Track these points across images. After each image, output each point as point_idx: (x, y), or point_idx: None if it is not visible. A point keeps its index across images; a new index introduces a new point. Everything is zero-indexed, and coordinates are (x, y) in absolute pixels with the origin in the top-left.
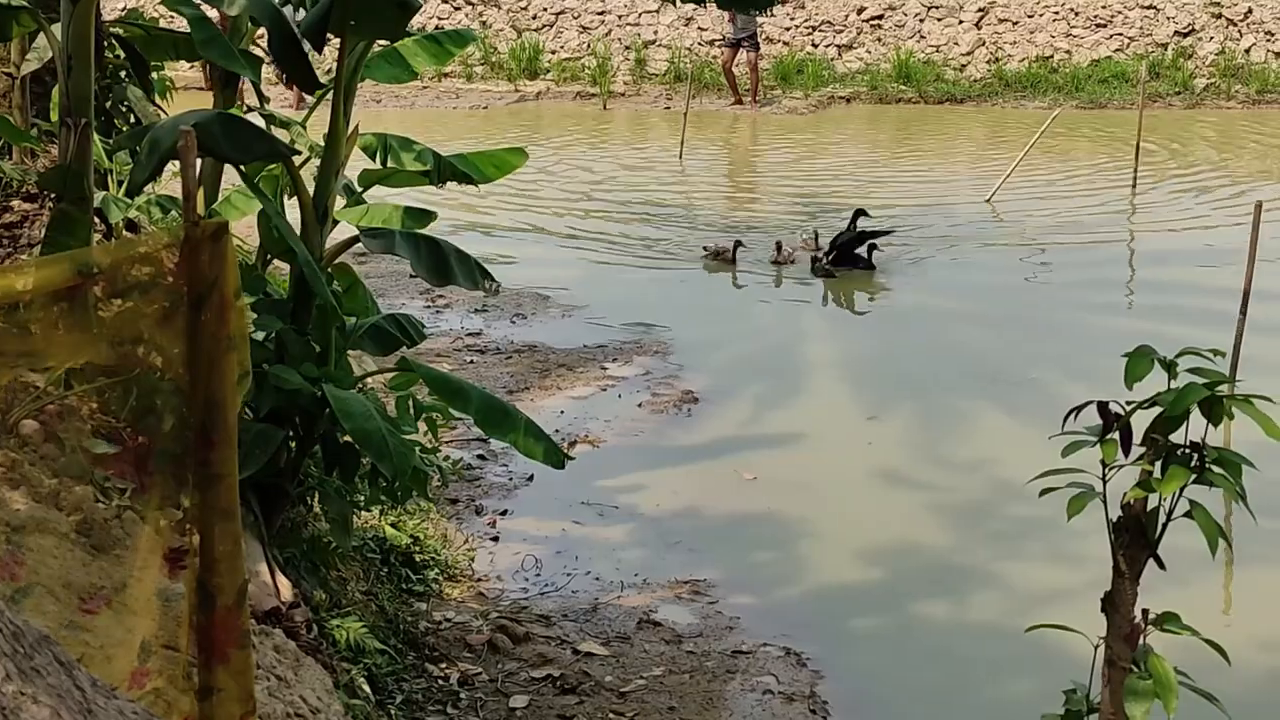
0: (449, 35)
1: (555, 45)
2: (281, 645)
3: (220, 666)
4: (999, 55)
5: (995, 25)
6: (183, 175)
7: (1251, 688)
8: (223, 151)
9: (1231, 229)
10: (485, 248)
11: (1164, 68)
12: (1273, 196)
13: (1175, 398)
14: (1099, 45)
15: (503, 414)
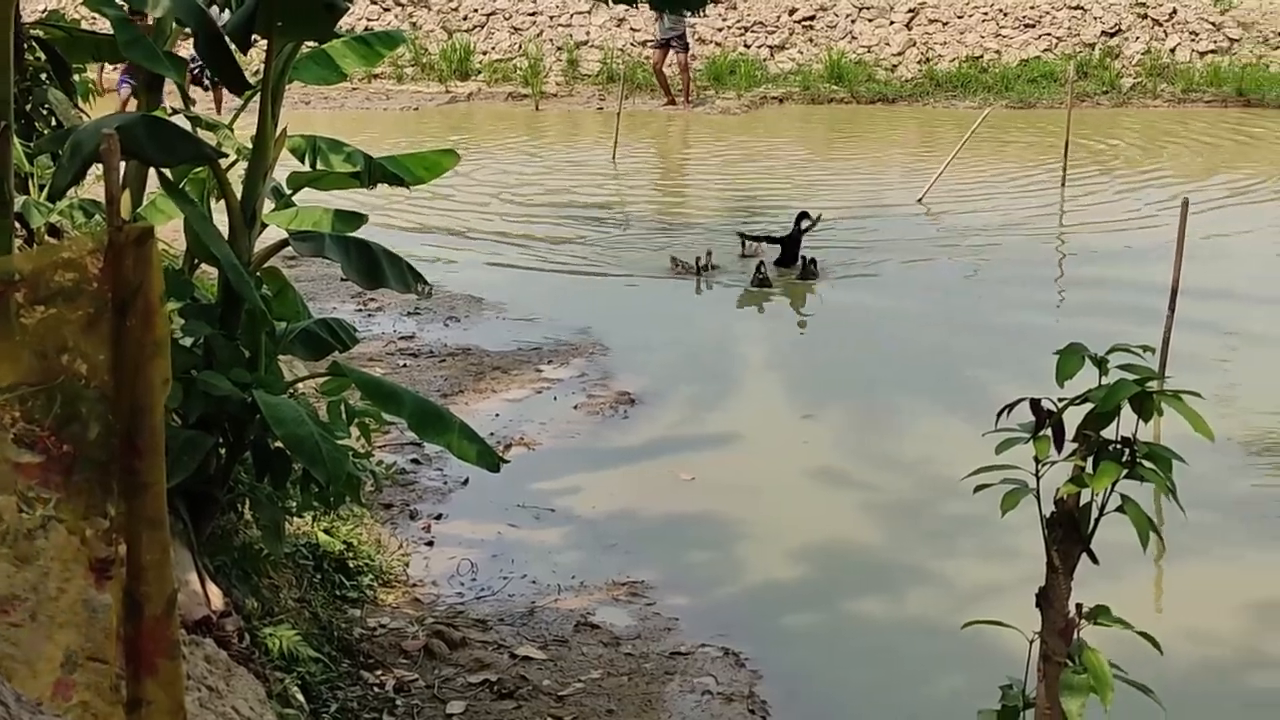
0: (378, 36)
1: (486, 46)
2: (212, 655)
3: (149, 678)
4: (930, 55)
5: (926, 26)
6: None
7: (1183, 678)
8: (147, 154)
9: (1159, 226)
10: (417, 250)
11: (1091, 67)
12: (1199, 194)
13: (1106, 394)
14: (1028, 45)
15: (437, 417)
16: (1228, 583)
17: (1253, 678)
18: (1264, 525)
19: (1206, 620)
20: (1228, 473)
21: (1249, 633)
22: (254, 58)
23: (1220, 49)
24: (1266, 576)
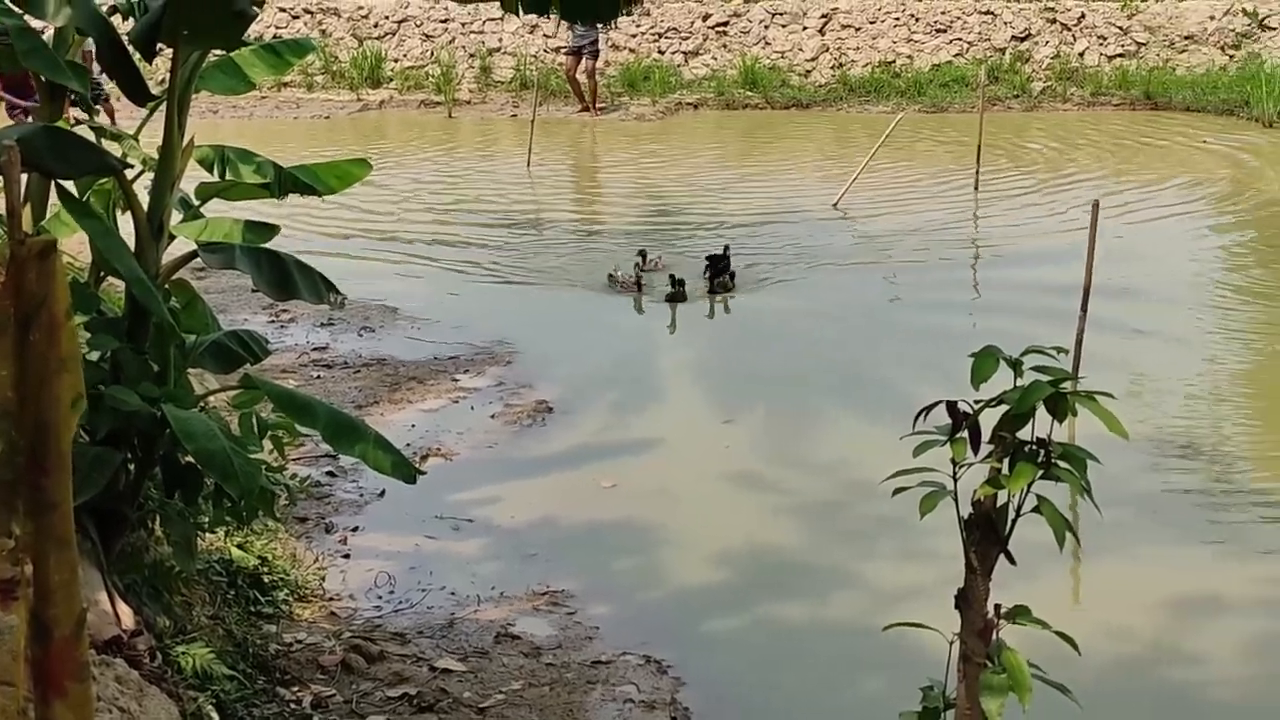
0: (287, 45)
1: (398, 54)
2: (124, 675)
3: (58, 701)
4: (843, 61)
5: (838, 31)
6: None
7: (1101, 676)
8: (49, 166)
9: (1071, 227)
10: (330, 260)
11: (1002, 72)
12: (1110, 195)
13: (1021, 395)
14: (939, 50)
15: (351, 429)
16: (1143, 580)
17: (1168, 674)
18: (1177, 522)
19: (1123, 618)
20: (1141, 471)
21: (1164, 629)
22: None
23: (1128, 52)
24: (1180, 573)
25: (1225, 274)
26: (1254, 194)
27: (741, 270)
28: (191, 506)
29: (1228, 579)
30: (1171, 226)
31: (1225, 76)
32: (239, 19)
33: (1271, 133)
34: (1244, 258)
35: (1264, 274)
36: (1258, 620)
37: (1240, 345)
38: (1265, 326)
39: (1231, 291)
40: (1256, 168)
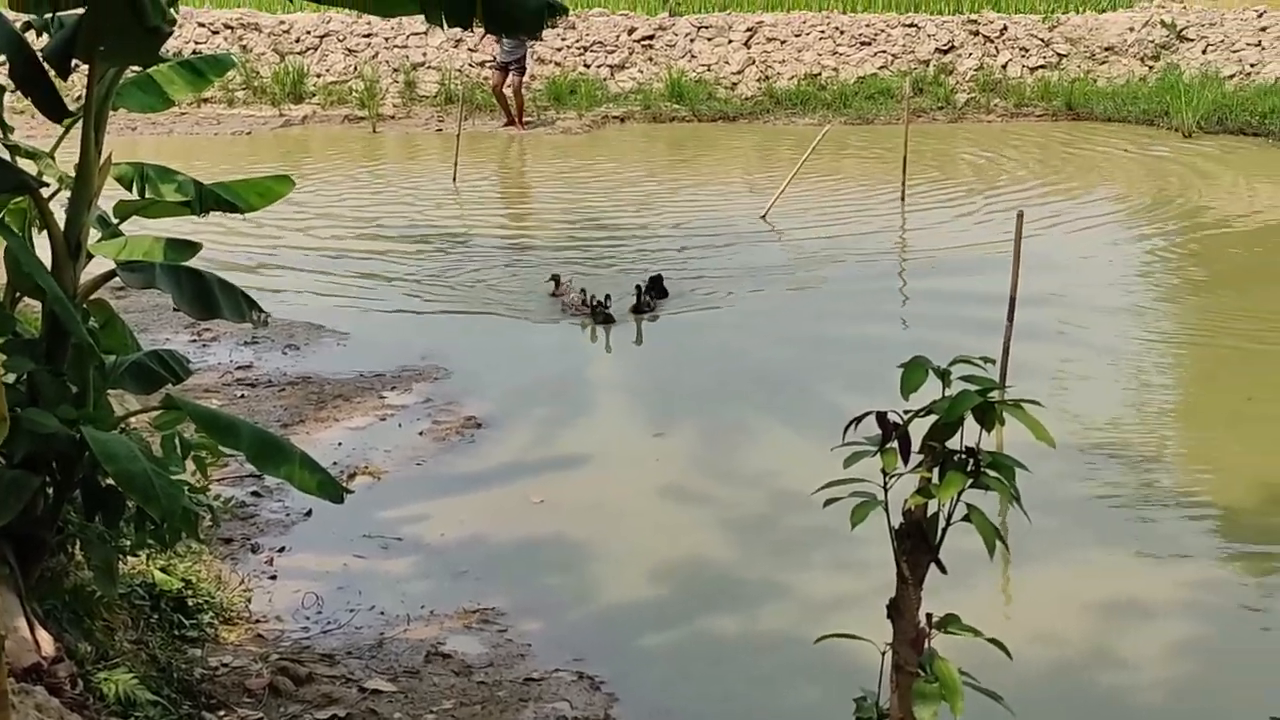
0: (206, 61)
1: (321, 68)
2: (44, 703)
3: None
4: (769, 73)
5: (764, 44)
6: None
7: (1033, 682)
8: None
9: (996, 237)
10: (253, 278)
11: (927, 84)
12: (1034, 205)
13: (950, 405)
14: (864, 63)
15: (276, 449)
16: (1072, 585)
17: (1100, 677)
18: (1105, 527)
19: (1054, 623)
20: (1068, 478)
21: (1094, 634)
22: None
23: (1049, 64)
24: (1109, 578)
25: (1148, 282)
26: (1174, 203)
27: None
28: (113, 530)
29: (1154, 583)
30: (1095, 235)
31: (1145, 87)
32: (154, 35)
33: (1190, 143)
34: (1165, 266)
35: (1185, 282)
36: (1184, 623)
37: (1163, 352)
38: (1187, 333)
39: (1154, 299)
40: (1176, 177)
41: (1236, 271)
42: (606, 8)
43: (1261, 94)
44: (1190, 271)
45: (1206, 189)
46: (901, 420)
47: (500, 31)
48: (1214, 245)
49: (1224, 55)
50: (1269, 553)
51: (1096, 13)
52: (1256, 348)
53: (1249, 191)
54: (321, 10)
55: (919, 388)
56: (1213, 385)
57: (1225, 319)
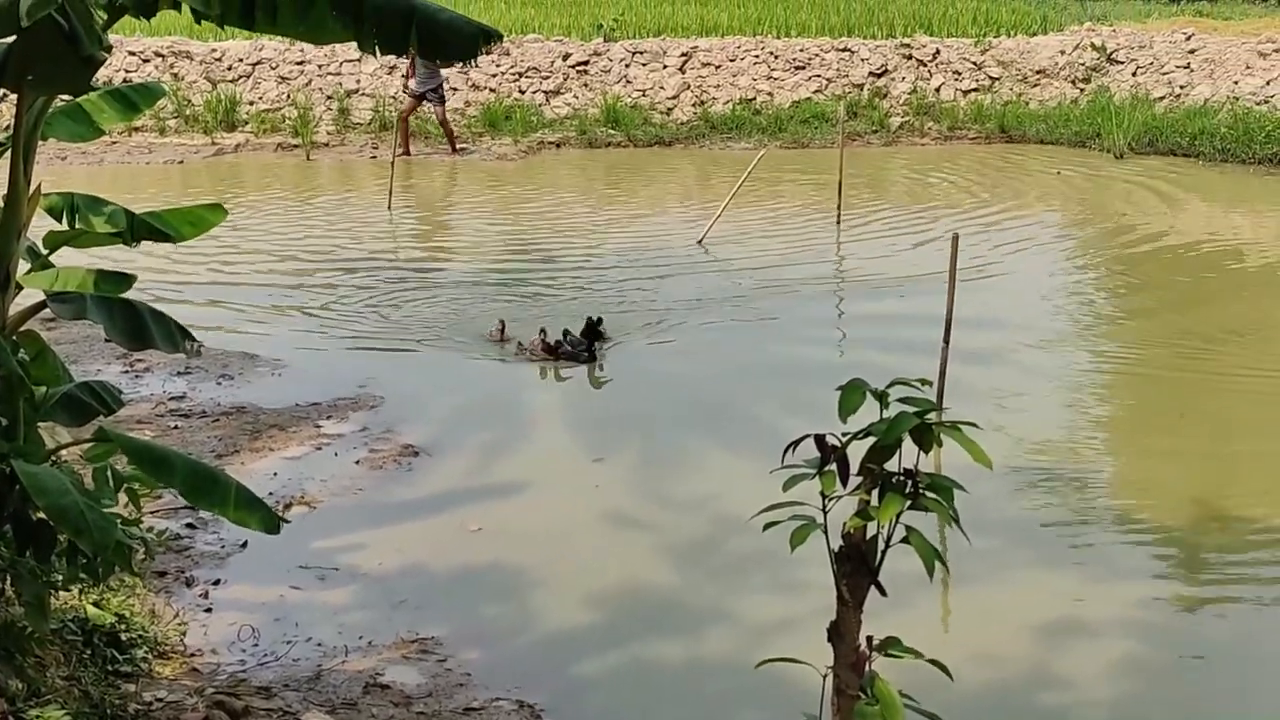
0: (137, 89)
1: (253, 96)
2: None
3: None
4: (704, 98)
5: (699, 70)
6: None
7: (973, 702)
8: None
9: (931, 260)
10: (186, 308)
11: (861, 107)
12: (968, 227)
13: (888, 427)
14: (799, 87)
15: (210, 481)
16: (1012, 605)
17: (1039, 697)
18: (1043, 547)
19: (994, 644)
20: (1006, 498)
21: (1034, 653)
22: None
23: (982, 87)
24: (1047, 597)
25: (1082, 303)
26: (1108, 224)
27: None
28: (44, 564)
29: (1092, 602)
30: (1029, 257)
31: (1076, 110)
32: (86, 64)
33: (1122, 164)
34: (1100, 287)
35: (1118, 302)
36: (1122, 641)
37: (1098, 372)
38: (1121, 353)
39: (1089, 320)
40: (1108, 198)
41: (1169, 292)
42: (541, 33)
43: (1191, 115)
44: (1124, 292)
45: (1139, 210)
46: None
47: (438, 58)
48: (1147, 266)
49: (1154, 78)
50: (1205, 569)
51: (1028, 36)
52: (1190, 366)
53: (1180, 213)
54: (254, 38)
55: (857, 410)
56: (1147, 405)
57: (1159, 339)
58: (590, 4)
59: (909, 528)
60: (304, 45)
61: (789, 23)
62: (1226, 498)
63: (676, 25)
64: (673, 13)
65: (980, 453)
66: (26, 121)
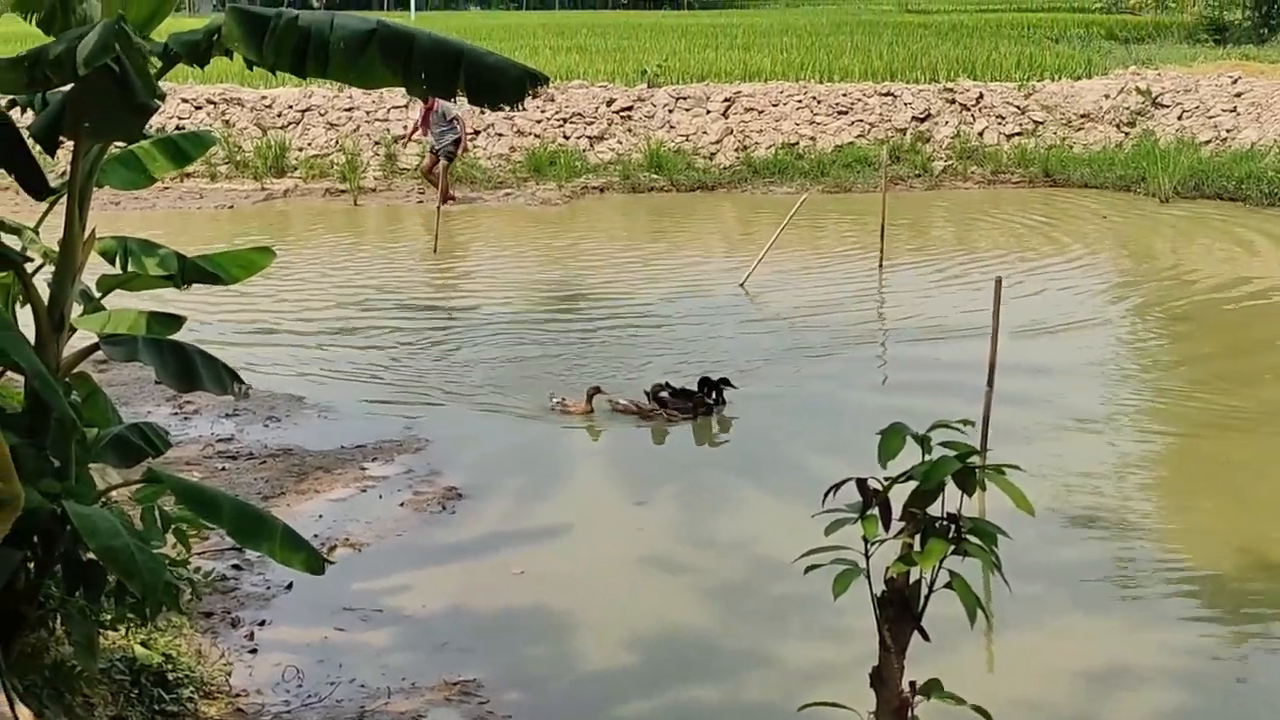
0: (188, 137)
1: (302, 142)
2: None
3: None
4: (746, 143)
5: (742, 114)
6: None
7: None
8: None
9: (974, 303)
10: (234, 350)
11: (904, 151)
12: (1012, 271)
13: (929, 471)
14: (842, 131)
15: (257, 522)
16: (1055, 652)
17: None
18: (1086, 593)
19: (1036, 690)
20: (1050, 543)
21: (1077, 700)
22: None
23: (1026, 131)
24: (1091, 644)
25: (1127, 348)
26: (1153, 268)
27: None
28: (93, 604)
29: (1137, 649)
30: (1073, 301)
31: (1121, 153)
32: (140, 112)
33: (1167, 208)
34: (1145, 331)
35: (1164, 346)
36: (1166, 688)
37: (1142, 417)
38: (1166, 398)
39: (1134, 365)
40: (1155, 243)
41: (1216, 337)
42: (586, 79)
43: (1237, 159)
44: (1170, 337)
45: (1184, 255)
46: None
47: (484, 103)
48: (1193, 311)
49: (1199, 121)
50: (1250, 617)
51: (1072, 80)
52: (1236, 412)
53: (1227, 257)
54: (304, 85)
55: (897, 454)
56: (1192, 451)
57: (1205, 384)
58: (635, 50)
59: (952, 573)
60: (352, 92)
61: (832, 68)
62: (1272, 544)
63: (720, 71)
64: (716, 59)
65: (1022, 498)
66: (82, 168)
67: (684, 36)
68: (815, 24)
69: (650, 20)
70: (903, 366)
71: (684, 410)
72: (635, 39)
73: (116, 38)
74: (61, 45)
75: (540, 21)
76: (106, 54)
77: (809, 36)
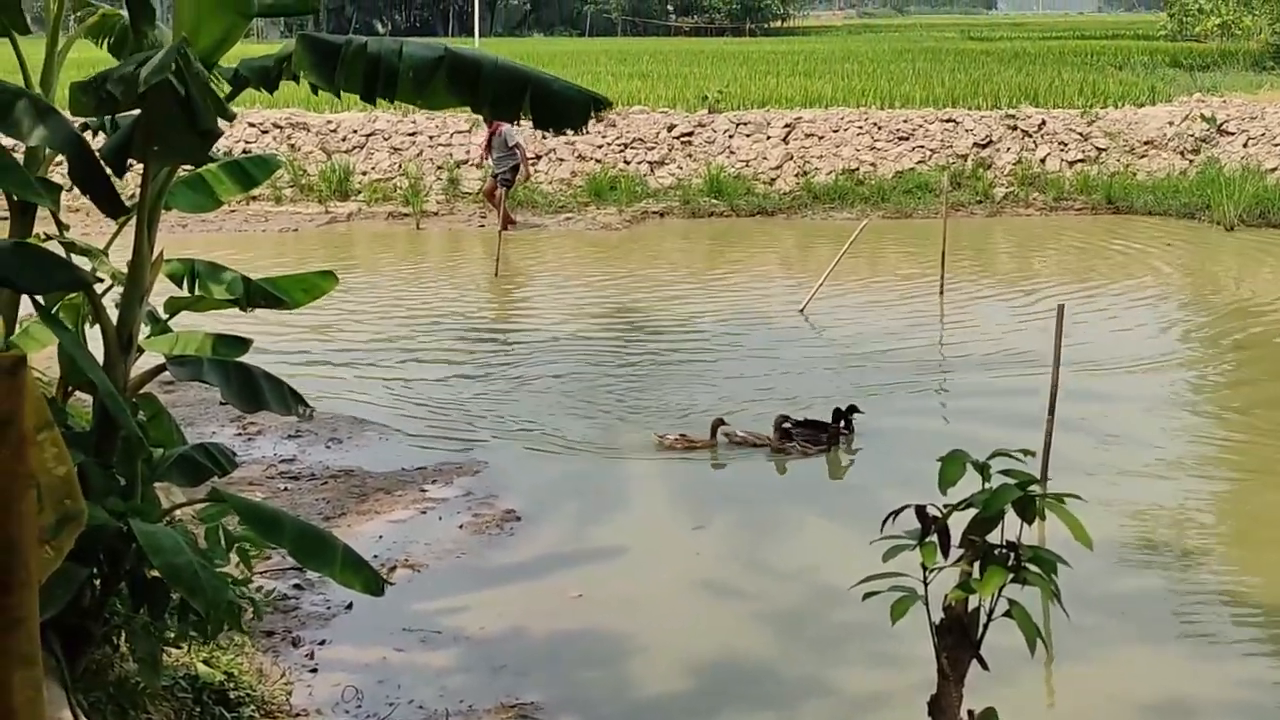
0: (254, 161)
1: (366, 166)
2: None
3: None
4: (807, 169)
5: (802, 140)
6: None
7: None
8: (21, 282)
9: (1035, 331)
10: (298, 372)
11: (965, 178)
12: (1074, 299)
13: (989, 498)
14: (902, 157)
15: (318, 542)
16: (1115, 683)
17: None
18: (1147, 624)
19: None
20: (1111, 573)
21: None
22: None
23: (1088, 158)
24: (1151, 676)
25: (1191, 377)
26: (1218, 297)
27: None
28: (157, 621)
29: (1198, 682)
30: (1137, 330)
31: (1185, 181)
32: (206, 137)
33: (1232, 236)
34: (1209, 361)
35: (1229, 377)
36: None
37: (1206, 449)
38: (1231, 429)
39: (1198, 394)
40: (1219, 271)
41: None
42: (647, 105)
43: None
44: (1236, 368)
45: (1251, 283)
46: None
47: (547, 126)
48: (1259, 340)
49: (1265, 149)
50: None
51: (1136, 107)
52: None
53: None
54: (368, 110)
55: (957, 481)
56: (1256, 483)
57: (1270, 415)
58: (696, 76)
59: (1011, 601)
60: (416, 116)
61: (893, 94)
62: None
63: (780, 97)
64: (777, 84)
65: (1081, 530)
66: (151, 191)
67: (746, 63)
68: (877, 51)
69: (712, 47)
70: (962, 394)
71: (815, 442)
72: (697, 65)
73: (178, 59)
74: (127, 67)
75: (603, 48)
76: (164, 71)
77: (871, 63)
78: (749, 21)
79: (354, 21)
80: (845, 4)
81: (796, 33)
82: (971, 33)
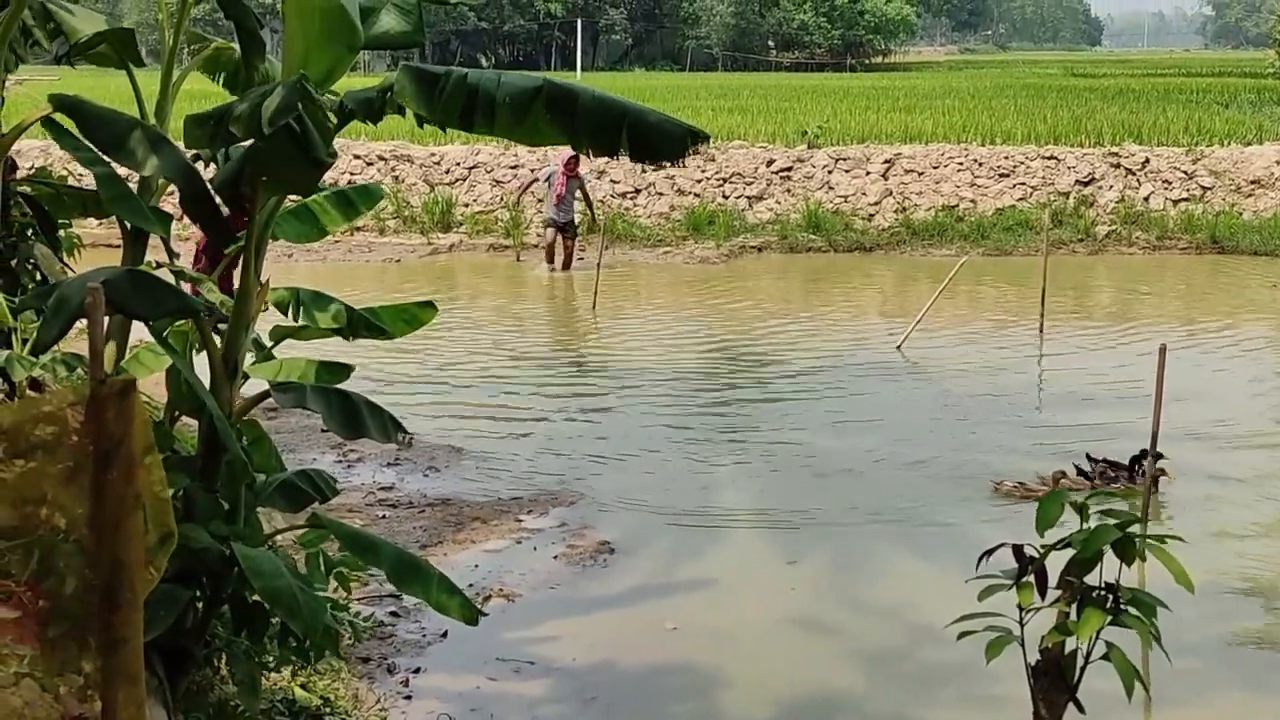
0: (359, 192)
1: (469, 198)
2: None
3: None
4: (906, 205)
5: (902, 176)
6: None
7: None
8: (133, 308)
9: (1137, 371)
10: (398, 400)
11: (1066, 215)
12: (1176, 339)
13: (1087, 539)
14: (1003, 194)
15: (415, 569)
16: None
17: None
18: (1249, 670)
19: None
20: (1213, 617)
21: None
22: None
23: (1193, 196)
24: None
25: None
26: None
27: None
28: (257, 645)
29: None
30: (1241, 371)
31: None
32: (316, 167)
33: None
34: None
35: None
36: None
37: None
38: None
39: None
40: None
41: None
42: (746, 140)
43: None
44: None
45: None
46: (1038, 553)
47: (645, 160)
48: None
49: None
50: None
51: (1242, 145)
52: None
53: None
54: (471, 142)
55: (1055, 522)
56: None
57: None
58: (795, 111)
59: (1109, 644)
60: (517, 150)
61: (994, 130)
62: None
63: (880, 133)
64: (877, 120)
65: (1182, 572)
66: (259, 220)
67: (845, 98)
68: (978, 87)
69: (813, 82)
70: (1061, 432)
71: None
72: (797, 100)
73: (300, 96)
74: (245, 103)
75: (703, 83)
76: (290, 113)
77: (971, 99)
78: (850, 57)
79: (458, 56)
80: (947, 39)
81: (897, 68)
82: (1075, 69)
